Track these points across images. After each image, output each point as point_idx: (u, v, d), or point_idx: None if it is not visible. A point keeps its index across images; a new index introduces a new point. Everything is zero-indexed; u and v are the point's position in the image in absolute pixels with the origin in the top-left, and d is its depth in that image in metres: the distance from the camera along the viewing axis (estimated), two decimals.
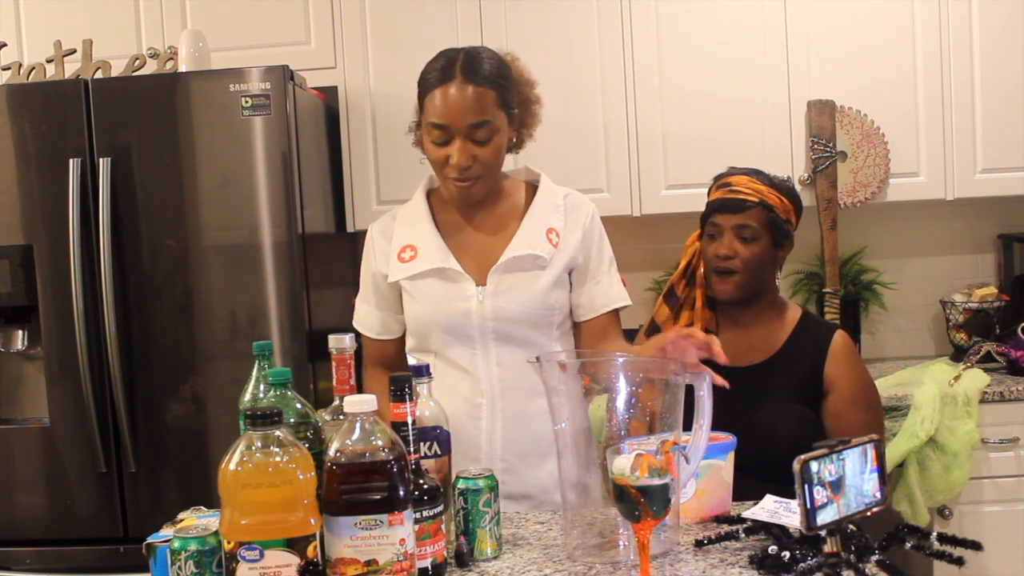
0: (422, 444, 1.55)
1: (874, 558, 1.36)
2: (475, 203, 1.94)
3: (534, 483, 1.90)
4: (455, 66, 1.84)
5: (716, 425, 1.56)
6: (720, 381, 1.57)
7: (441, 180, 1.93)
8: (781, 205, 2.06)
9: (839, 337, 2.06)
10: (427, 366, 1.64)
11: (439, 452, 1.59)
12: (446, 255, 1.91)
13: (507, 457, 1.89)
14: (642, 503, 1.30)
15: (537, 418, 1.81)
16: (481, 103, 1.83)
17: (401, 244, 1.95)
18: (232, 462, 1.24)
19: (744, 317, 2.10)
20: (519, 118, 1.93)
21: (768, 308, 2.10)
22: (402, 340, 2.04)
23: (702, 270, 2.12)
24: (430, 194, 2.02)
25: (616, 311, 2.00)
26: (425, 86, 1.87)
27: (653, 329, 2.18)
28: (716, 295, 2.08)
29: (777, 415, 1.99)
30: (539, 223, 1.94)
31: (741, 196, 2.04)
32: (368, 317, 2.03)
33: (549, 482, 1.88)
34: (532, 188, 2.00)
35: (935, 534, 1.41)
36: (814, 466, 1.29)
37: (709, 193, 2.13)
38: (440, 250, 1.92)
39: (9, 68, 2.83)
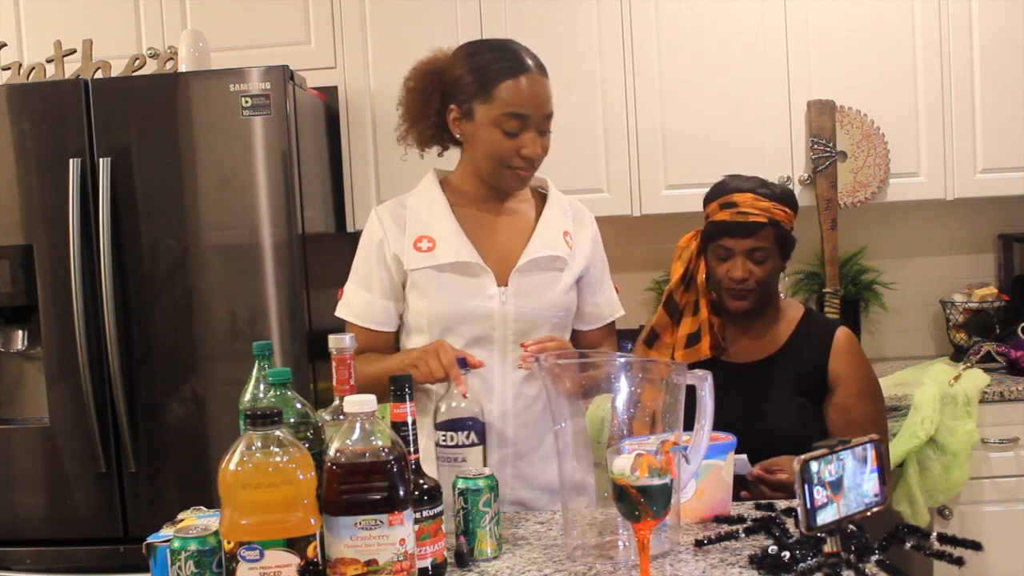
0: (460, 433, 1.60)
1: (874, 558, 1.36)
2: (509, 195, 1.94)
3: (541, 486, 1.88)
4: (525, 57, 1.83)
5: (719, 421, 1.56)
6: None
7: (496, 170, 1.86)
8: (786, 217, 2.04)
9: (842, 333, 2.07)
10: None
11: (476, 441, 1.62)
12: (469, 249, 1.86)
13: (516, 463, 1.87)
14: (642, 503, 1.30)
15: (546, 423, 1.81)
16: (549, 94, 1.86)
17: (417, 233, 1.88)
18: (232, 462, 1.24)
19: (750, 321, 2.10)
20: None
21: (773, 310, 2.11)
22: (396, 335, 1.99)
23: (703, 276, 2.10)
24: (442, 185, 1.96)
25: (613, 320, 2.06)
26: (493, 76, 1.81)
27: (652, 336, 2.17)
28: (730, 309, 2.07)
29: (780, 411, 2.00)
30: (555, 225, 1.93)
31: (751, 219, 2.00)
32: (370, 306, 1.92)
33: (556, 483, 1.83)
34: (537, 192, 2.00)
35: (935, 534, 1.41)
36: (814, 466, 1.29)
37: (707, 204, 2.09)
38: (463, 244, 1.86)
39: (9, 68, 2.83)
